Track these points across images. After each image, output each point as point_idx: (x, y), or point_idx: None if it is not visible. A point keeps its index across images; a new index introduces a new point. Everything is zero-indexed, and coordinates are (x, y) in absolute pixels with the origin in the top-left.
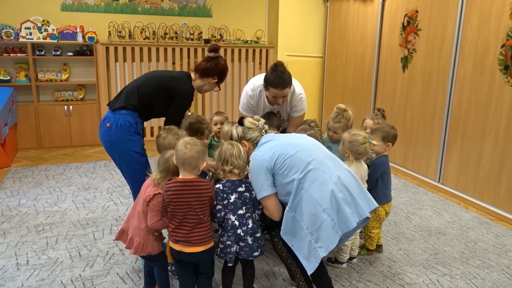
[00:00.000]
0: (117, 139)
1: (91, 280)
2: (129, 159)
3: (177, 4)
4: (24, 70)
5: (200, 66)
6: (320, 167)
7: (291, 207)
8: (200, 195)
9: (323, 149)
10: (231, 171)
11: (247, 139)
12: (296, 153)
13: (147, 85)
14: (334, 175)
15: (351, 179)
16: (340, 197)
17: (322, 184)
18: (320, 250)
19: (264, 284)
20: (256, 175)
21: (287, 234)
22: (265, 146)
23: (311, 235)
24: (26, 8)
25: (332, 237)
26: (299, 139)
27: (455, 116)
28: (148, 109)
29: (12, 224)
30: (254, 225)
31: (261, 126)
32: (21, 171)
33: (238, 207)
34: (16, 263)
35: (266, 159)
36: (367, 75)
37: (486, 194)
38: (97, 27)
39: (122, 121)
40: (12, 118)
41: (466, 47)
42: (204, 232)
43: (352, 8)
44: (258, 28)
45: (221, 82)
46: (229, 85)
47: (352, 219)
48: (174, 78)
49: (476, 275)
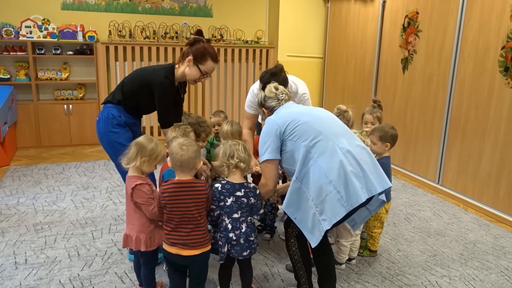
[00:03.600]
0: (103, 130)
1: (89, 280)
2: (114, 150)
3: (178, 4)
4: (24, 68)
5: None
6: (332, 137)
7: (298, 177)
8: (196, 196)
9: (339, 122)
10: (237, 166)
11: (266, 107)
12: (308, 121)
13: (130, 82)
14: (345, 148)
15: (365, 154)
16: (349, 169)
17: (331, 155)
18: (324, 223)
19: (263, 285)
20: (264, 137)
21: (291, 206)
22: (280, 112)
23: (315, 207)
24: (26, 6)
25: (337, 210)
26: (315, 109)
27: (455, 118)
28: (135, 105)
29: (10, 223)
30: (248, 229)
31: (279, 96)
32: (20, 170)
33: (233, 210)
34: (14, 262)
35: (278, 123)
36: (367, 76)
37: (485, 196)
38: (97, 26)
39: (107, 113)
40: (12, 116)
41: (466, 48)
42: (202, 234)
43: (353, 9)
44: (258, 28)
45: (200, 64)
46: (229, 85)
47: (362, 194)
48: (153, 72)
49: (475, 276)
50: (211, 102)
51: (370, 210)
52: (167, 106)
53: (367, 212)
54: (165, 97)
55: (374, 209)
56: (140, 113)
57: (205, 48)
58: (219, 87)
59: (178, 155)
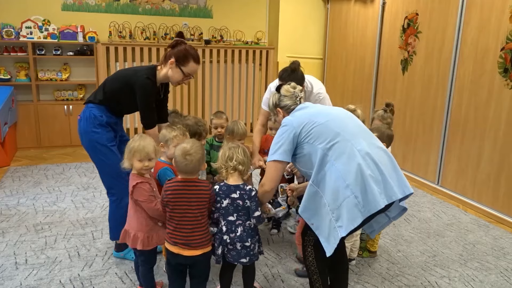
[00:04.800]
0: (84, 130)
1: (89, 280)
2: (94, 150)
3: (178, 5)
4: (25, 69)
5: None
6: (350, 139)
7: (314, 180)
8: (199, 195)
9: (357, 123)
10: (236, 168)
11: (281, 107)
12: (326, 122)
13: (112, 82)
14: (364, 150)
15: (385, 158)
16: (368, 173)
17: (349, 158)
18: (339, 230)
19: (262, 285)
20: (278, 137)
21: (307, 210)
22: (297, 113)
23: (331, 213)
24: (27, 7)
25: (354, 216)
26: (333, 109)
27: (454, 119)
28: (116, 105)
29: (11, 223)
30: (244, 233)
31: (296, 94)
32: (20, 170)
33: (229, 212)
34: (14, 262)
35: (294, 125)
36: (367, 77)
37: (485, 197)
38: (97, 27)
39: (88, 113)
40: (12, 117)
41: (465, 49)
42: (203, 235)
43: (353, 10)
44: (258, 29)
45: (183, 65)
46: (229, 86)
47: (380, 199)
48: (135, 73)
49: (475, 277)
50: (211, 103)
51: (390, 217)
52: (149, 107)
53: (387, 219)
54: (147, 98)
55: (394, 217)
56: (122, 113)
57: (187, 50)
58: (219, 88)
59: (182, 164)
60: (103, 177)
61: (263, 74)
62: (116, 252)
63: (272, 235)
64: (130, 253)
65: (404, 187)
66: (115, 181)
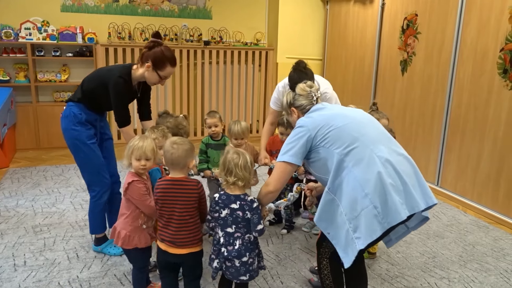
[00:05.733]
0: (64, 128)
1: (88, 282)
2: (74, 147)
3: (177, 6)
4: (24, 70)
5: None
6: (369, 145)
7: (330, 188)
8: (186, 194)
9: (378, 126)
10: (235, 183)
11: (296, 106)
12: (344, 125)
13: (89, 81)
14: (384, 157)
15: (407, 165)
16: (388, 182)
17: (368, 165)
18: (357, 242)
19: (261, 287)
20: (292, 137)
21: (324, 219)
22: (313, 114)
23: (349, 223)
24: (26, 8)
25: (373, 227)
26: (352, 111)
27: (454, 120)
28: (94, 102)
29: (9, 225)
30: (242, 247)
31: (313, 94)
32: (19, 172)
33: (227, 224)
34: (13, 264)
35: (309, 127)
36: (367, 78)
37: (484, 198)
38: (97, 28)
39: (68, 112)
40: (11, 118)
41: (465, 50)
42: (190, 234)
43: (352, 11)
44: (258, 30)
45: (160, 70)
46: (228, 87)
47: (402, 210)
48: (108, 71)
49: (474, 278)
50: (210, 104)
51: (409, 227)
52: (121, 105)
53: (405, 229)
54: (120, 96)
55: (413, 227)
56: (102, 110)
57: (163, 54)
58: (219, 89)
59: (168, 153)
60: (83, 174)
61: (262, 75)
62: (95, 246)
63: (282, 235)
64: (107, 248)
65: (428, 197)
66: (95, 178)
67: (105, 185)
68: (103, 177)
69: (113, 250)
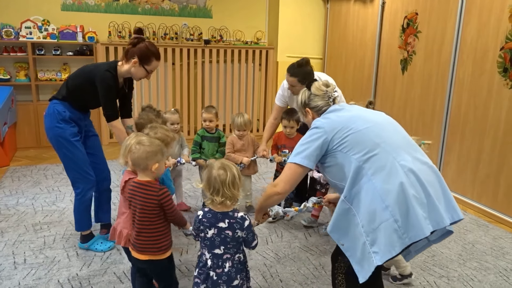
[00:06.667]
0: (48, 126)
1: (88, 280)
2: (58, 145)
3: (178, 5)
4: (24, 69)
5: (124, 50)
6: (391, 152)
7: (347, 196)
8: (146, 199)
9: (401, 132)
10: (223, 203)
11: (311, 107)
12: (364, 129)
13: (75, 78)
14: (408, 166)
15: (431, 175)
16: (412, 193)
17: (390, 174)
18: (374, 256)
19: (261, 285)
20: (306, 138)
21: (338, 229)
22: (330, 115)
23: (366, 236)
24: (26, 7)
25: (392, 243)
26: (374, 114)
27: (454, 118)
28: (79, 100)
29: (10, 223)
30: (233, 269)
31: (329, 94)
32: (20, 170)
33: (215, 245)
34: (13, 262)
35: (326, 129)
36: (367, 77)
37: (484, 197)
38: (97, 27)
39: (52, 109)
40: (12, 117)
41: (465, 49)
42: (148, 241)
43: (352, 9)
44: (258, 29)
45: (146, 64)
46: (228, 86)
47: (425, 225)
48: (95, 67)
49: (473, 277)
50: (210, 103)
51: (430, 240)
52: (110, 99)
53: (426, 242)
54: (108, 90)
55: (435, 240)
56: (86, 108)
57: (148, 49)
58: (219, 88)
59: (131, 153)
60: (68, 171)
61: (262, 74)
62: (81, 244)
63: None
64: (94, 244)
65: (453, 211)
66: (79, 175)
67: (90, 182)
68: (88, 174)
69: (100, 246)
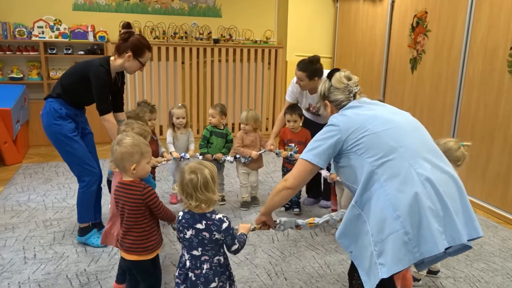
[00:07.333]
0: (46, 124)
1: (95, 275)
2: (58, 142)
3: (187, 4)
4: (36, 68)
5: (115, 45)
6: (409, 158)
7: (358, 201)
8: (129, 199)
9: (423, 135)
10: (198, 206)
11: (330, 100)
12: (381, 131)
13: (69, 76)
14: (425, 174)
15: (451, 186)
16: (427, 205)
17: (404, 182)
18: (380, 269)
19: (265, 283)
20: (320, 136)
21: (346, 236)
22: (348, 112)
23: (374, 245)
24: (39, 7)
25: (400, 256)
26: (397, 115)
27: (463, 117)
28: (74, 97)
29: (21, 219)
30: (210, 271)
31: (350, 88)
32: (32, 167)
33: (193, 246)
34: (23, 256)
35: (341, 128)
36: (376, 76)
37: (493, 197)
38: (108, 26)
39: (48, 108)
40: (24, 115)
41: (475, 48)
42: (134, 241)
43: (362, 8)
44: (267, 28)
45: (140, 57)
46: (238, 85)
47: (440, 240)
48: (88, 63)
49: (480, 278)
50: (219, 102)
51: (446, 252)
52: (104, 94)
53: (442, 254)
54: (101, 84)
55: (451, 253)
56: (81, 105)
57: (140, 42)
58: (228, 87)
59: (111, 153)
60: (71, 167)
61: (271, 73)
62: (79, 237)
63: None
64: (91, 238)
65: (472, 228)
66: (83, 169)
67: (95, 174)
68: (91, 167)
69: (97, 241)
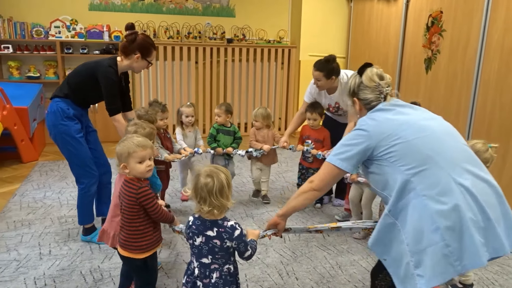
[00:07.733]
0: (51, 124)
1: (109, 272)
2: (63, 142)
3: (201, 4)
4: (53, 67)
5: (120, 46)
6: (447, 167)
7: (392, 210)
8: (126, 196)
9: (460, 143)
10: (210, 212)
11: (359, 98)
12: (415, 140)
13: (76, 75)
14: (465, 184)
15: (491, 196)
16: (468, 216)
17: (444, 193)
18: (419, 280)
19: (276, 283)
20: (348, 140)
21: (380, 244)
22: (378, 115)
23: (411, 256)
24: (55, 7)
25: (441, 269)
26: (431, 121)
27: (479, 118)
28: (81, 97)
29: (37, 216)
30: (220, 280)
31: (381, 89)
32: (47, 165)
33: (203, 254)
34: (39, 252)
35: (371, 134)
36: (390, 76)
37: (509, 199)
38: (123, 26)
39: (55, 107)
40: (41, 113)
41: (491, 48)
42: (128, 238)
43: (376, 8)
44: (280, 28)
45: (148, 57)
46: (251, 84)
47: (483, 253)
48: (96, 64)
49: (494, 281)
50: (232, 101)
51: None
52: (114, 94)
53: None
54: (111, 85)
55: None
56: (88, 104)
57: (147, 42)
58: (241, 87)
59: None
60: (72, 167)
61: (285, 73)
62: (83, 236)
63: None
64: (95, 237)
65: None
66: (83, 171)
67: (93, 177)
68: (91, 169)
69: None
